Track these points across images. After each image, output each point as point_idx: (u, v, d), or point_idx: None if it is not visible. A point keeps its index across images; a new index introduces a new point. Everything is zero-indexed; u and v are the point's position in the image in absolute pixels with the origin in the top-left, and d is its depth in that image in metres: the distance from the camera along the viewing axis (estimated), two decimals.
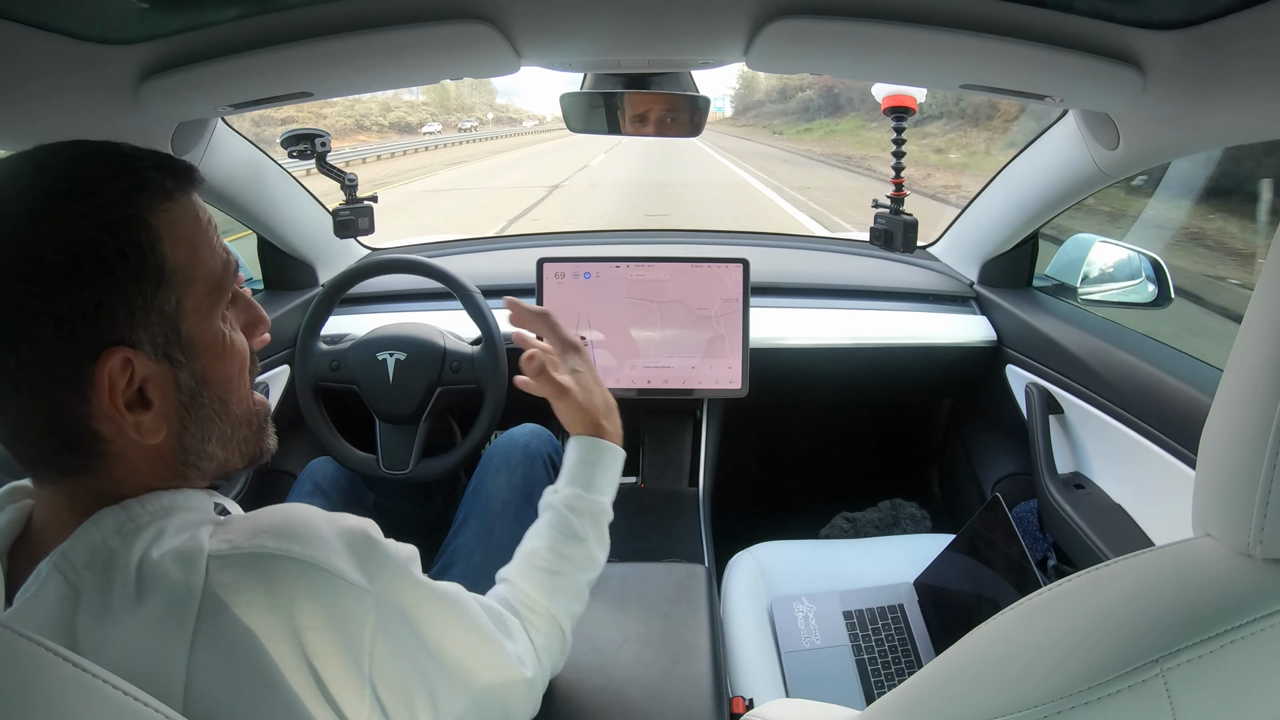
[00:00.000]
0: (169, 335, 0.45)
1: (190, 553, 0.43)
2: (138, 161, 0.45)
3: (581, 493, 0.74)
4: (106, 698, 0.33)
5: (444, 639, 0.53)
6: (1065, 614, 0.37)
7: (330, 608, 0.44)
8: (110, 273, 0.42)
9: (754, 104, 58.44)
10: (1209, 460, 0.37)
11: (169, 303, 0.45)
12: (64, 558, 0.42)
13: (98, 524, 0.44)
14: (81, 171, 0.43)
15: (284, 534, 0.45)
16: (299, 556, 0.44)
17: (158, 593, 0.41)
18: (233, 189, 1.16)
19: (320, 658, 0.44)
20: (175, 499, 0.47)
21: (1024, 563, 0.92)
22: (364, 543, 0.48)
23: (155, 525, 0.45)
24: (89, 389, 0.43)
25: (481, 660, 0.56)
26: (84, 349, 0.42)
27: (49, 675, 0.32)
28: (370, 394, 1.18)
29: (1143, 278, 1.30)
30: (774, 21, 0.74)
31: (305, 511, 0.48)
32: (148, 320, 0.44)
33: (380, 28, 0.75)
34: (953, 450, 1.66)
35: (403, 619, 0.49)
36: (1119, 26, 0.73)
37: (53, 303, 0.41)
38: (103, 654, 0.40)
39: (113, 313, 0.43)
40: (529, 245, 1.75)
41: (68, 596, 0.41)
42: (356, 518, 0.50)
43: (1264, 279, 0.34)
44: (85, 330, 0.42)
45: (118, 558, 0.42)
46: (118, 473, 0.46)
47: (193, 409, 0.48)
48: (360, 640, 0.45)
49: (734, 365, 1.27)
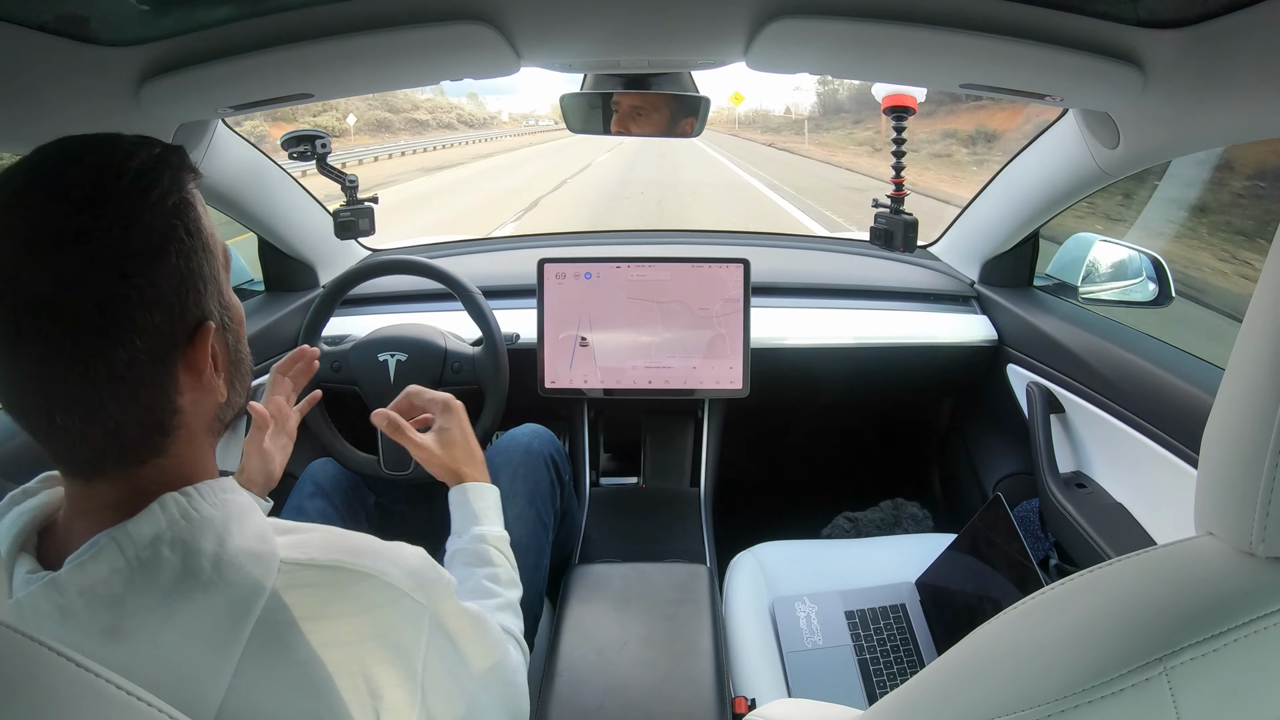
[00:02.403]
0: (220, 301, 0.49)
1: (265, 555, 0.46)
2: (153, 148, 0.47)
3: (473, 527, 0.81)
4: (110, 698, 0.33)
5: (476, 654, 0.58)
6: (1067, 613, 0.37)
7: (395, 621, 0.48)
8: (185, 251, 0.45)
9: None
10: (1211, 459, 0.37)
11: (216, 270, 0.48)
12: (126, 534, 0.43)
13: (163, 508, 0.44)
14: (131, 164, 0.44)
15: (358, 551, 0.49)
16: (372, 571, 0.48)
17: (228, 586, 0.43)
18: (233, 190, 1.16)
19: (378, 665, 0.47)
20: (225, 489, 0.49)
21: (1026, 562, 0.92)
22: (422, 564, 0.53)
23: (219, 518, 0.46)
24: (179, 366, 0.45)
25: (498, 672, 0.62)
26: (182, 328, 0.45)
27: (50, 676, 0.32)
28: (371, 395, 1.18)
29: (1143, 276, 1.30)
30: (774, 21, 0.74)
31: (371, 538, 0.52)
32: (212, 290, 0.47)
33: (380, 29, 0.75)
34: (954, 450, 1.66)
35: (446, 635, 0.54)
36: (1119, 25, 0.73)
37: (153, 289, 0.43)
38: (157, 635, 0.41)
39: (195, 288, 0.45)
40: (530, 246, 1.75)
41: (121, 572, 0.42)
42: (411, 546, 0.54)
43: (1264, 278, 0.34)
44: (180, 309, 0.44)
45: (189, 545, 0.44)
46: (182, 448, 0.47)
47: (236, 364, 0.52)
48: (416, 653, 0.50)
49: (735, 365, 1.27)
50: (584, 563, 1.09)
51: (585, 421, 1.39)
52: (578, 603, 0.92)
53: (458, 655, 0.55)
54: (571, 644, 0.85)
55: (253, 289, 1.47)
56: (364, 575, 0.48)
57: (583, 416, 1.39)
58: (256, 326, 1.27)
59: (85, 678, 0.32)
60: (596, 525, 1.22)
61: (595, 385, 1.27)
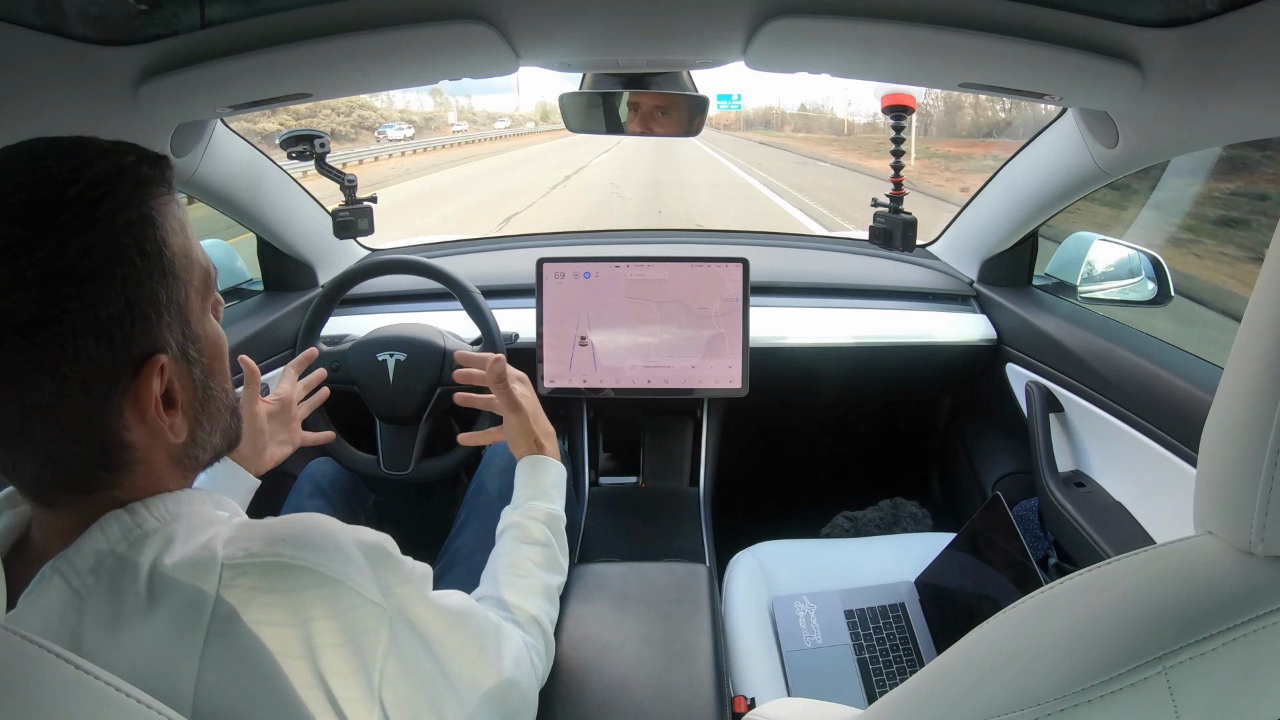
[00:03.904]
0: (184, 332, 0.45)
1: (204, 561, 0.42)
2: (125, 155, 0.43)
3: (535, 501, 0.79)
4: (108, 699, 0.33)
5: (452, 656, 0.53)
6: (1067, 612, 0.37)
7: (346, 624, 0.44)
8: (136, 274, 0.41)
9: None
10: (1210, 458, 0.37)
11: (181, 297, 0.44)
12: (67, 563, 0.41)
13: (103, 529, 0.42)
14: (86, 172, 0.40)
15: (302, 544, 0.44)
16: (316, 568, 0.44)
17: (170, 602, 0.41)
18: (232, 190, 1.16)
19: (333, 675, 0.43)
20: (180, 502, 0.46)
21: (1025, 561, 0.92)
22: (382, 558, 0.48)
23: (163, 531, 0.44)
24: (124, 400, 0.42)
25: (485, 672, 0.57)
26: (124, 359, 0.41)
27: (50, 677, 0.32)
28: (371, 395, 1.18)
29: (1142, 276, 1.30)
30: (773, 21, 0.74)
31: (323, 522, 0.47)
32: (170, 320, 0.43)
33: (379, 28, 0.75)
34: (953, 449, 1.66)
35: (414, 636, 0.49)
36: (1118, 25, 0.73)
37: (86, 314, 0.39)
38: (111, 663, 0.39)
39: (145, 316, 0.42)
40: (529, 245, 1.75)
41: (71, 603, 0.40)
42: (375, 531, 0.50)
43: (1264, 277, 0.34)
44: (123, 338, 0.41)
45: (126, 565, 0.41)
46: (139, 481, 0.45)
47: (205, 403, 0.48)
48: (373, 658, 0.45)
49: (734, 365, 1.27)
50: (583, 562, 1.09)
51: (584, 421, 1.39)
52: (577, 602, 0.92)
53: (430, 657, 0.51)
54: (571, 643, 0.85)
55: (252, 289, 1.46)
56: (310, 573, 0.43)
57: (582, 416, 1.39)
58: (255, 326, 1.27)
59: (84, 679, 0.32)
60: (596, 524, 1.22)
61: (594, 385, 1.27)
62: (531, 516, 0.78)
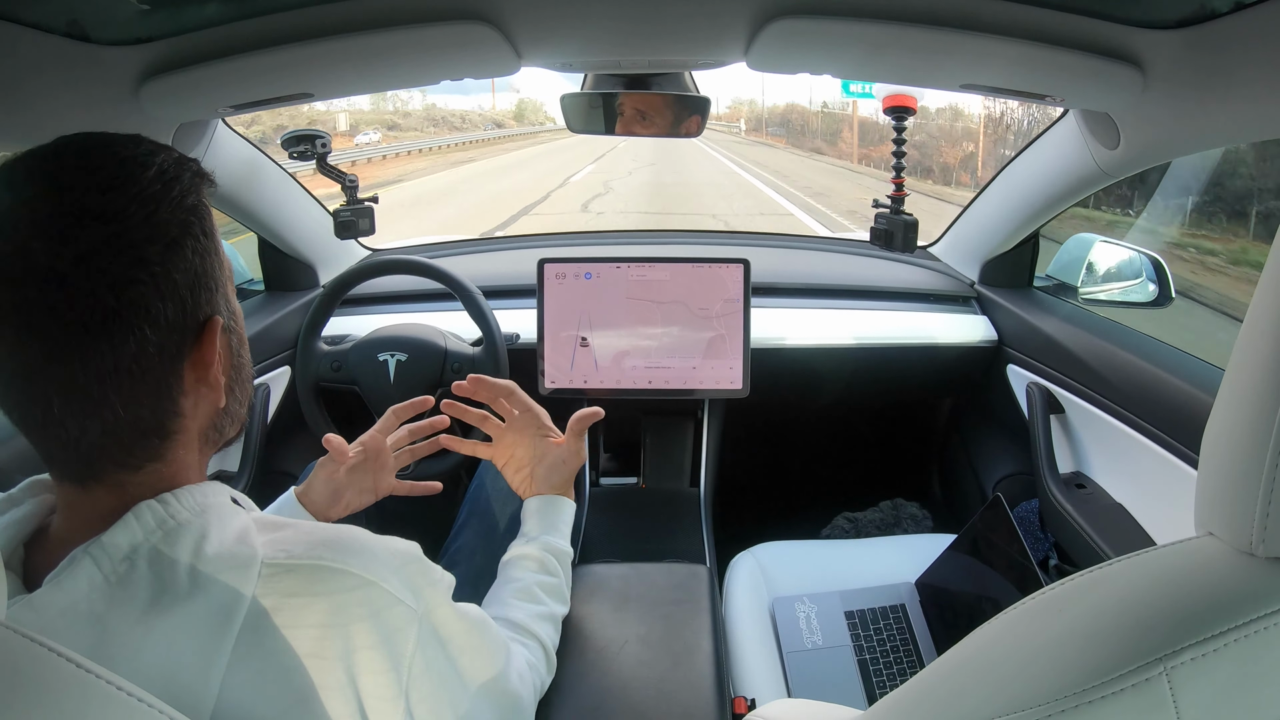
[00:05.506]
0: (228, 302, 0.49)
1: (244, 558, 0.43)
2: (172, 151, 0.48)
3: (548, 536, 0.83)
4: (109, 699, 0.33)
5: (470, 661, 0.55)
6: (1067, 613, 0.37)
7: (380, 624, 0.46)
8: (200, 249, 0.45)
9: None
10: (1211, 459, 0.36)
11: (224, 278, 0.49)
12: (101, 549, 0.42)
13: (138, 518, 0.43)
14: (157, 159, 0.45)
15: (342, 549, 0.46)
16: (357, 571, 0.46)
17: (206, 595, 0.42)
18: (233, 190, 1.16)
19: (365, 674, 0.45)
20: (205, 494, 0.47)
21: (1025, 562, 0.92)
22: (413, 561, 0.51)
23: (197, 524, 0.44)
24: (185, 364, 0.45)
25: (495, 681, 0.59)
26: (193, 321, 0.45)
27: (50, 676, 0.32)
28: (371, 395, 1.18)
29: (1143, 277, 1.30)
30: (774, 21, 0.74)
31: (357, 530, 0.50)
32: (221, 294, 0.48)
33: (380, 28, 0.75)
34: (954, 450, 1.66)
35: (437, 639, 0.51)
36: (1119, 26, 0.74)
37: (168, 280, 0.43)
38: (140, 652, 0.40)
39: (208, 287, 0.46)
40: (530, 246, 1.75)
41: (100, 588, 0.41)
42: (404, 540, 0.52)
43: (1265, 277, 0.34)
44: (193, 302, 0.45)
45: (163, 557, 0.42)
46: (180, 452, 0.47)
47: (238, 369, 0.51)
48: (403, 655, 0.47)
49: (735, 365, 1.27)
50: (583, 563, 1.09)
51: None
52: (576, 603, 0.92)
53: (447, 660, 0.53)
54: (571, 644, 0.85)
55: (253, 289, 1.46)
56: (350, 575, 0.45)
57: None
58: (256, 326, 1.27)
59: (85, 678, 0.32)
60: (596, 525, 1.22)
61: (595, 385, 1.27)
62: (544, 550, 0.81)
